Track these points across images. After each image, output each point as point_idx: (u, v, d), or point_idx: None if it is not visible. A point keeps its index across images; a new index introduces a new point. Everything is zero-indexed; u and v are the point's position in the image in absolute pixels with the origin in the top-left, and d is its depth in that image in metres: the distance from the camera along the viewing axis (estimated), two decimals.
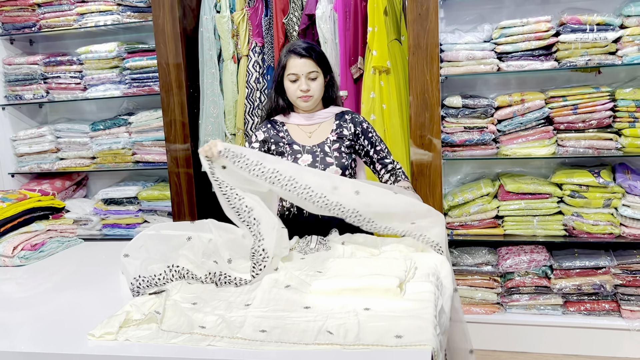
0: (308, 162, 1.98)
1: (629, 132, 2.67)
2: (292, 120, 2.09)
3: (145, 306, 1.33)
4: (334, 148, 2.02)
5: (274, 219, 1.64)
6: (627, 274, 2.76)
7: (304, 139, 2.06)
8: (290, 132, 2.07)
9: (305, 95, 2.01)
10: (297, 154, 2.01)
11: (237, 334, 1.19)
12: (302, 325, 1.22)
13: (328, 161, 2.00)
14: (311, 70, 2.00)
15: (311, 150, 2.02)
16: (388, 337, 1.13)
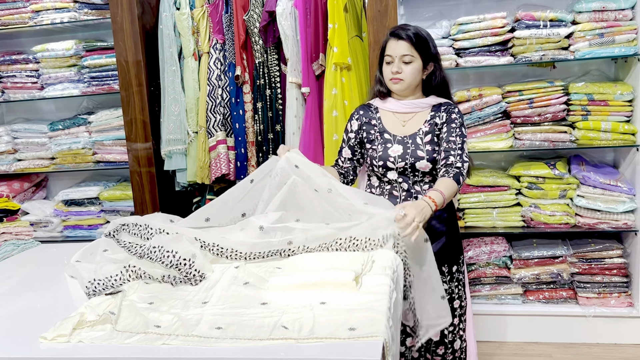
0: (398, 152, 1.97)
1: (582, 124, 2.75)
2: (387, 106, 2.06)
3: (100, 307, 1.32)
4: (427, 140, 1.98)
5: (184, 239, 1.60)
6: (582, 262, 2.85)
7: (397, 127, 2.03)
8: (383, 120, 2.05)
9: (396, 78, 1.97)
10: (388, 143, 2.00)
11: (192, 332, 1.19)
12: (257, 322, 1.23)
13: (419, 154, 1.97)
14: (405, 54, 1.95)
15: (402, 140, 1.99)
16: (341, 330, 1.15)
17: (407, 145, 1.98)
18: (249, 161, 2.97)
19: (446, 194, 1.80)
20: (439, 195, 1.78)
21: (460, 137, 1.96)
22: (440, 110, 2.00)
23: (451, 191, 1.83)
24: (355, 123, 2.09)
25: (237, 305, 1.33)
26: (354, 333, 1.14)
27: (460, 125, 1.98)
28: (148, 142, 3.02)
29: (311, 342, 1.12)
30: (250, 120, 2.94)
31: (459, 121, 1.99)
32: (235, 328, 1.20)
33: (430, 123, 1.99)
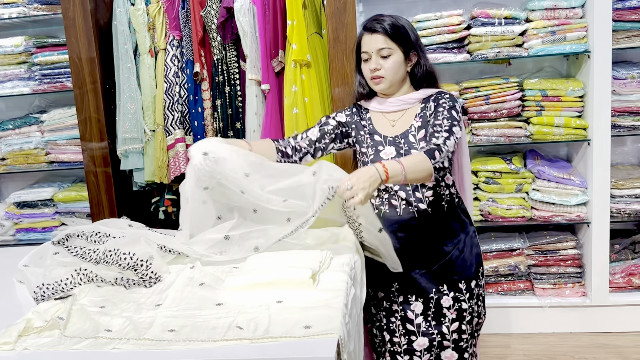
0: (392, 154, 1.76)
1: (536, 120, 2.82)
2: (374, 107, 1.85)
3: (48, 313, 1.28)
4: (420, 136, 1.75)
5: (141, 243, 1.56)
6: (538, 254, 2.92)
7: (387, 128, 1.82)
8: (373, 121, 1.84)
9: (376, 76, 1.76)
10: (379, 146, 1.79)
11: (144, 335, 1.16)
12: (212, 323, 1.21)
13: (414, 154, 1.72)
14: (381, 47, 1.73)
15: (394, 141, 1.78)
16: (297, 328, 1.15)
17: (400, 145, 1.77)
18: None
19: (407, 166, 1.53)
20: (396, 166, 1.52)
21: (448, 119, 1.71)
22: (430, 101, 1.80)
23: (417, 166, 1.56)
24: (344, 115, 1.88)
25: (191, 306, 1.31)
26: (309, 331, 1.13)
27: (450, 108, 1.74)
28: (104, 141, 2.95)
29: (266, 342, 1.10)
30: (209, 117, 2.89)
31: (448, 104, 1.75)
32: (189, 330, 1.18)
33: (422, 116, 1.78)
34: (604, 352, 2.73)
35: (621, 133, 2.81)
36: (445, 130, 1.68)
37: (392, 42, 1.75)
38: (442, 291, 1.82)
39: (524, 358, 2.71)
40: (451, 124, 1.70)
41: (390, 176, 1.49)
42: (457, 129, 1.69)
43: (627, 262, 2.90)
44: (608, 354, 2.71)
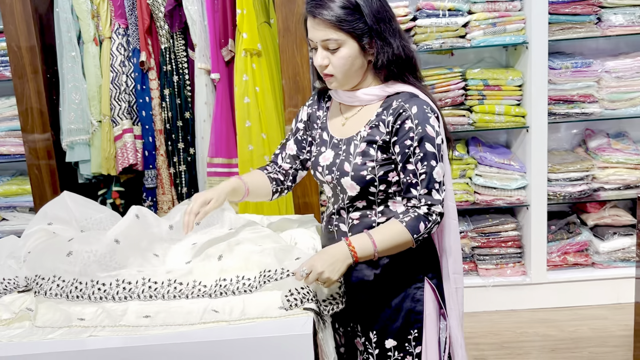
0: (328, 160, 1.48)
1: (479, 108, 2.95)
2: (336, 95, 1.53)
3: (14, 304, 1.25)
4: (360, 150, 1.42)
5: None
6: (481, 236, 3.08)
7: (337, 126, 1.52)
8: (329, 113, 1.56)
9: (325, 74, 1.43)
10: (322, 147, 1.52)
11: (119, 322, 1.16)
12: (186, 307, 1.22)
13: (345, 168, 1.43)
14: (326, 39, 1.37)
15: (337, 144, 1.49)
16: (272, 309, 1.18)
17: (339, 152, 1.47)
18: (158, 150, 2.89)
19: (380, 244, 1.32)
20: (366, 244, 1.32)
21: (423, 161, 1.35)
22: (390, 109, 1.40)
23: (393, 242, 1.34)
24: (306, 111, 1.62)
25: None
26: (284, 312, 1.17)
27: (421, 141, 1.34)
28: (46, 132, 2.84)
29: (243, 323, 1.13)
30: (157, 107, 2.85)
31: (418, 133, 1.34)
32: (164, 315, 1.19)
33: (373, 126, 1.42)
34: (544, 326, 2.91)
35: (556, 120, 2.99)
36: (423, 180, 1.36)
37: (341, 32, 1.35)
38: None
39: (469, 335, 2.85)
40: (430, 169, 1.35)
41: (359, 257, 1.33)
42: (437, 170, 1.36)
43: (562, 241, 3.10)
44: (547, 328, 2.90)
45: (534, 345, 2.79)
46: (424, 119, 1.35)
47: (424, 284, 1.47)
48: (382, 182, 1.41)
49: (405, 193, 1.39)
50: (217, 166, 2.82)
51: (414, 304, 1.46)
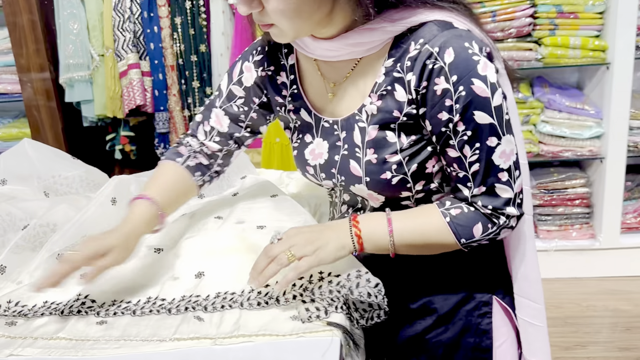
0: (321, 158, 0.97)
1: (549, 40, 2.44)
2: (303, 47, 0.93)
3: None
4: (372, 138, 0.90)
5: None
6: (544, 193, 2.63)
7: (321, 95, 0.97)
8: (302, 75, 0.99)
9: (262, 25, 0.86)
10: (305, 133, 1.00)
11: (59, 332, 0.81)
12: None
13: (352, 170, 0.93)
14: None
15: (330, 130, 0.96)
16: (280, 321, 0.80)
17: (337, 142, 0.95)
18: (169, 89, 2.51)
19: (401, 236, 0.88)
20: (378, 229, 0.88)
21: (473, 142, 0.84)
22: (406, 58, 0.85)
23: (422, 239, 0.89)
24: (252, 73, 1.04)
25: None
26: (297, 325, 0.79)
27: (466, 110, 0.82)
28: (44, 69, 2.49)
29: (235, 342, 0.76)
30: (167, 39, 2.45)
31: (461, 98, 0.82)
32: (127, 322, 0.83)
33: (383, 93, 0.88)
34: (614, 299, 2.49)
35: None
36: (478, 175, 0.86)
37: None
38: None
39: None
40: (485, 152, 0.84)
41: (365, 246, 0.88)
42: (501, 151, 0.84)
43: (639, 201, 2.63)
44: (618, 301, 2.48)
45: (603, 322, 2.38)
46: (467, 68, 0.80)
47: (493, 306, 0.98)
48: (419, 179, 0.90)
49: (454, 192, 0.90)
50: None
51: (478, 338, 0.98)
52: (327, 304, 0.81)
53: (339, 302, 0.80)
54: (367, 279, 0.82)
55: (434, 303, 0.98)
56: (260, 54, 1.03)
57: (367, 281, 0.82)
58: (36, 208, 1.10)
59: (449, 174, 0.90)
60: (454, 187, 0.90)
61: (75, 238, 1.05)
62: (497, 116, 0.82)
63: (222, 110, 1.06)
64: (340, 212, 1.05)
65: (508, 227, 0.88)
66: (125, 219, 0.93)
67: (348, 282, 0.82)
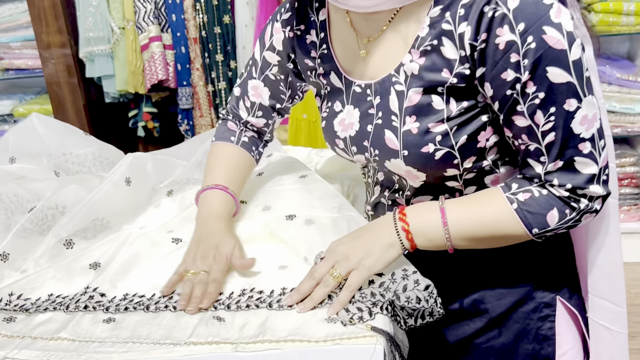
0: (352, 129, 0.84)
1: (600, 6, 2.25)
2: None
3: None
4: (412, 105, 0.76)
5: None
6: None
7: (353, 57, 0.83)
8: (333, 32, 0.86)
9: None
10: (335, 100, 0.87)
11: (60, 332, 0.71)
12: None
13: (387, 143, 0.79)
14: None
15: (362, 95, 0.82)
16: (312, 324, 0.68)
17: (369, 110, 0.82)
18: (192, 63, 2.40)
19: (459, 229, 0.75)
20: (432, 223, 0.75)
21: (547, 105, 0.69)
22: (459, 5, 0.71)
23: (485, 231, 0.75)
24: (281, 32, 0.92)
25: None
26: (333, 329, 0.67)
27: (537, 66, 0.67)
28: (65, 45, 2.41)
29: (261, 349, 0.65)
30: (190, 10, 2.33)
31: (530, 52, 0.67)
32: (138, 320, 0.73)
33: (428, 49, 0.74)
34: None
35: None
36: (554, 145, 0.71)
37: None
38: None
39: None
40: (563, 118, 0.69)
41: (417, 242, 0.75)
42: (582, 116, 0.69)
43: None
44: None
45: None
46: (537, 14, 0.66)
47: (556, 308, 0.84)
48: (468, 155, 0.76)
49: (522, 168, 0.76)
50: None
51: (537, 345, 0.84)
52: (371, 304, 0.69)
53: (384, 301, 0.68)
54: (416, 281, 0.70)
55: (485, 302, 0.85)
56: (289, 12, 0.90)
57: (415, 283, 0.70)
58: (44, 188, 1.00)
59: (517, 148, 0.75)
60: (523, 163, 0.75)
61: (85, 221, 0.96)
62: (576, 73, 0.67)
63: (259, 81, 0.97)
64: (374, 194, 0.93)
65: (591, 212, 0.73)
66: (212, 215, 0.88)
67: (393, 285, 0.70)
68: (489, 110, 0.75)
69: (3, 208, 1.00)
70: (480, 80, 0.72)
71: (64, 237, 0.91)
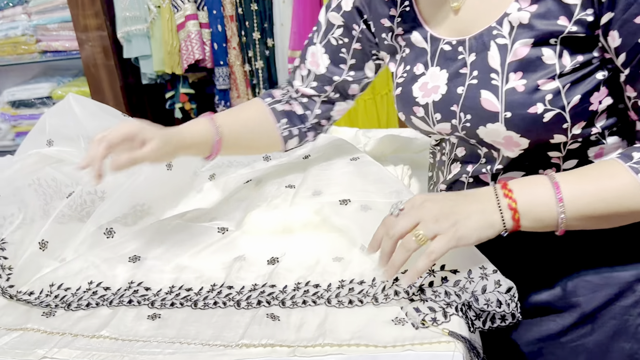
0: (436, 93, 0.75)
1: None
2: None
3: None
4: (519, 58, 0.69)
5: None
6: None
7: (443, 12, 0.76)
8: None
9: None
10: (416, 62, 0.79)
11: (101, 329, 0.66)
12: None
13: (484, 104, 0.71)
14: None
15: (452, 53, 0.75)
16: (377, 324, 0.61)
17: (460, 69, 0.74)
18: (229, 42, 2.33)
19: (575, 204, 0.64)
20: (543, 197, 0.65)
21: None
22: None
23: (606, 206, 0.64)
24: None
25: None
26: (402, 332, 0.60)
27: None
28: (102, 27, 2.37)
29: (320, 355, 0.58)
30: None
31: None
32: (185, 317, 0.67)
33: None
34: None
35: None
36: None
37: None
38: None
39: None
40: None
41: (524, 223, 0.64)
42: None
43: None
44: None
45: None
46: None
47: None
48: (578, 118, 0.68)
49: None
50: None
51: (637, 344, 0.75)
52: (445, 304, 0.61)
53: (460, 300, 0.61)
54: (497, 282, 0.62)
55: (576, 294, 0.76)
56: None
57: (496, 284, 0.62)
58: (82, 173, 0.95)
59: (638, 111, 0.66)
60: None
61: (125, 207, 0.91)
62: None
63: (320, 46, 0.90)
64: (450, 172, 0.82)
65: None
66: (180, 127, 0.84)
67: (470, 284, 0.62)
68: (605, 67, 0.66)
69: (41, 193, 0.95)
70: (605, 29, 0.63)
71: (104, 224, 0.86)
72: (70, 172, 0.97)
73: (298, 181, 0.93)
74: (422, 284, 0.64)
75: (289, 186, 0.91)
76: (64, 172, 0.98)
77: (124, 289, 0.73)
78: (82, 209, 0.93)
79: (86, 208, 0.93)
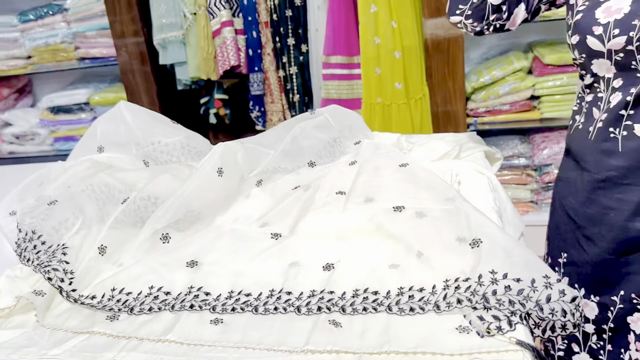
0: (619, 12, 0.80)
1: None
2: None
3: (26, 281, 0.81)
4: None
5: None
6: None
7: None
8: None
9: None
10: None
11: (167, 333, 0.67)
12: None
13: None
14: None
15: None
16: (442, 333, 0.62)
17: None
18: (264, 48, 2.35)
19: None
20: None
21: None
22: None
23: None
24: None
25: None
26: (468, 341, 0.60)
27: None
28: (139, 34, 2.41)
29: None
30: None
31: None
32: (247, 321, 0.68)
33: None
34: None
35: None
36: None
37: None
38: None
39: None
40: None
41: None
42: None
43: None
44: None
45: None
46: None
47: None
48: None
49: None
50: (334, 67, 2.24)
51: None
52: (509, 313, 0.61)
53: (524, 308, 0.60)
54: (562, 291, 0.61)
55: None
56: None
57: (561, 294, 0.61)
58: (136, 179, 0.98)
59: None
60: None
61: (179, 213, 0.92)
62: None
63: None
64: (609, 102, 0.85)
65: None
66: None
67: (534, 293, 0.62)
68: None
69: (95, 199, 0.98)
70: None
71: (159, 229, 0.88)
72: (123, 177, 0.99)
73: (347, 187, 0.94)
74: (484, 292, 0.63)
75: (339, 192, 0.92)
76: (116, 177, 1.00)
77: (185, 293, 0.74)
78: (136, 215, 0.95)
79: (140, 213, 0.95)
